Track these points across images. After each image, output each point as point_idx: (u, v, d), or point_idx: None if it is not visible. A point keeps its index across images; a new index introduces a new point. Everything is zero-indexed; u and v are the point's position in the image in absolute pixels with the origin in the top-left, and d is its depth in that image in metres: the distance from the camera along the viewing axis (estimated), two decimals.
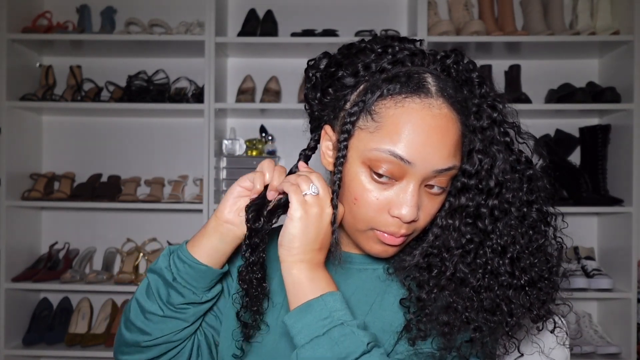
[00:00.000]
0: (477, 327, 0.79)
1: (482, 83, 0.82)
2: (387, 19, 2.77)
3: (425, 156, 0.76)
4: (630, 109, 2.44)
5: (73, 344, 2.54)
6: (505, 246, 0.80)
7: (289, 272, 0.78)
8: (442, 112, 0.77)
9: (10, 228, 2.55)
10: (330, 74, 0.84)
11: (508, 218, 0.80)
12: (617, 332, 2.51)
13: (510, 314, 0.80)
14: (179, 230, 2.75)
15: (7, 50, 2.52)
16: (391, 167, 0.77)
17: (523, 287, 0.80)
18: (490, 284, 0.80)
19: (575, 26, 2.62)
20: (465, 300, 0.79)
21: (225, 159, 2.65)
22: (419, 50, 0.82)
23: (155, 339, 0.88)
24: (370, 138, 0.78)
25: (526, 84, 2.67)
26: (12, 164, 2.57)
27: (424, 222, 0.81)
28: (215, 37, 2.52)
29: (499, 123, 0.82)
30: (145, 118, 2.79)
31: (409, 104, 0.77)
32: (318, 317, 0.74)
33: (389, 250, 0.82)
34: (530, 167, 0.84)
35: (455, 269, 0.80)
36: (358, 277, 0.89)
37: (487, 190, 0.80)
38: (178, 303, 0.86)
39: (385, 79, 0.79)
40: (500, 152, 0.81)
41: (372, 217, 0.79)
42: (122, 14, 2.79)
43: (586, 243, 2.70)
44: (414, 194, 0.77)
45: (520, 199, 0.81)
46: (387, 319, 0.85)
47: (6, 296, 2.51)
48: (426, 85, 0.78)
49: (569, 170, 2.59)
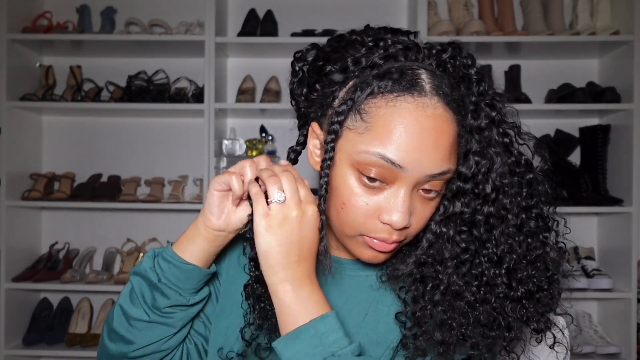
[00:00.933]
0: (474, 344, 0.75)
1: (481, 80, 0.76)
2: (387, 19, 2.74)
3: (417, 160, 0.70)
4: (630, 109, 2.44)
5: (73, 344, 2.54)
6: (502, 256, 0.75)
7: (275, 294, 0.73)
8: (437, 112, 0.71)
9: (10, 228, 2.55)
10: (317, 68, 0.78)
11: (505, 226, 0.75)
12: (617, 332, 2.51)
13: (508, 327, 0.76)
14: (179, 230, 2.70)
15: (7, 50, 2.52)
16: (381, 171, 0.71)
17: (520, 299, 0.76)
18: (486, 296, 0.75)
19: (575, 26, 2.62)
20: (460, 316, 0.74)
21: (225, 159, 2.65)
22: (413, 44, 0.75)
23: (142, 348, 0.82)
24: (359, 139, 0.72)
25: (526, 84, 2.67)
26: (12, 164, 2.57)
27: (417, 227, 0.76)
28: (215, 37, 2.52)
29: (498, 123, 0.76)
30: (145, 118, 2.79)
31: (401, 103, 0.71)
32: (308, 345, 0.70)
33: (380, 256, 0.77)
34: (531, 170, 0.78)
35: (449, 282, 0.75)
36: (349, 285, 0.84)
37: (484, 195, 0.74)
38: (164, 306, 0.81)
39: (376, 75, 0.72)
40: (498, 154, 0.75)
41: (362, 222, 0.74)
42: (122, 14, 2.79)
43: (586, 243, 2.70)
44: (406, 199, 0.72)
45: (519, 204, 0.76)
46: (381, 331, 0.80)
47: (6, 296, 2.51)
48: (420, 83, 0.71)
49: (569, 170, 2.60)
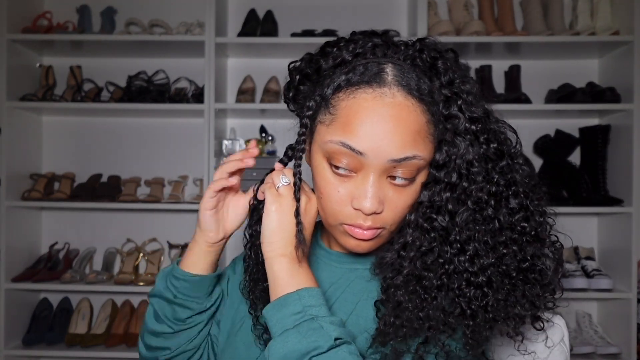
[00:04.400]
0: (431, 326, 0.76)
1: (447, 69, 0.78)
2: (387, 19, 2.78)
3: (378, 146, 0.74)
4: (630, 109, 2.44)
5: (73, 344, 2.54)
6: (465, 242, 0.76)
7: (271, 267, 0.79)
8: (396, 100, 0.74)
9: (10, 228, 2.55)
10: (302, 72, 0.85)
11: (468, 213, 0.76)
12: (617, 332, 2.51)
13: (472, 315, 0.76)
14: (179, 231, 2.75)
15: (7, 50, 2.52)
16: (346, 159, 0.76)
17: (481, 285, 0.76)
18: (447, 282, 0.77)
19: (575, 26, 2.62)
20: (418, 300, 0.77)
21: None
22: (383, 42, 0.80)
23: (172, 351, 0.94)
24: (326, 131, 0.77)
25: (526, 84, 2.67)
26: (12, 164, 2.57)
27: (393, 215, 0.78)
28: (215, 38, 2.52)
29: (464, 111, 0.77)
30: (146, 118, 2.79)
31: (361, 94, 0.75)
32: (292, 311, 0.75)
33: (362, 244, 0.80)
34: (503, 157, 0.79)
35: (410, 267, 0.77)
36: (347, 278, 0.88)
37: (451, 183, 0.77)
38: (185, 317, 0.91)
39: (344, 71, 0.78)
40: (465, 141, 0.76)
41: (338, 210, 0.79)
42: (122, 14, 2.79)
43: (586, 243, 2.70)
44: (373, 185, 0.76)
45: (488, 191, 0.77)
46: (368, 318, 0.83)
47: (6, 296, 2.52)
48: (382, 75, 0.76)
49: (569, 170, 2.59)
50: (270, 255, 0.79)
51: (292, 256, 0.79)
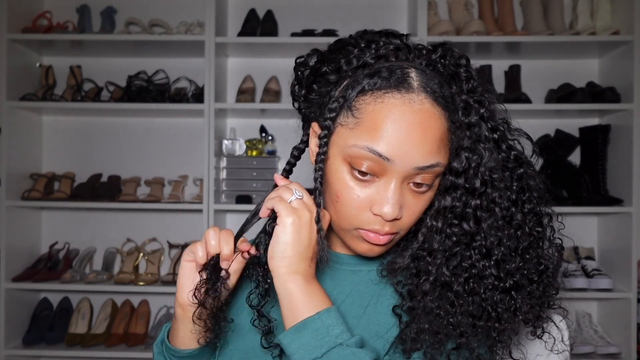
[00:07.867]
0: (462, 332, 0.76)
1: (470, 78, 0.79)
2: (387, 19, 2.77)
3: (405, 153, 0.73)
4: (630, 109, 2.44)
5: (73, 344, 2.54)
6: (491, 248, 0.77)
7: (284, 285, 0.75)
8: (424, 107, 0.74)
9: (10, 228, 2.55)
10: (315, 70, 0.83)
11: (494, 219, 0.77)
12: (617, 332, 2.51)
13: (498, 318, 0.77)
14: (179, 230, 2.75)
15: (7, 50, 2.52)
16: (371, 164, 0.75)
17: (509, 290, 0.77)
18: (475, 287, 0.77)
19: (575, 26, 2.62)
20: (448, 305, 0.76)
21: (225, 159, 2.65)
22: (404, 45, 0.79)
23: None
24: (350, 134, 0.76)
25: (526, 84, 2.67)
26: (12, 164, 2.57)
27: (409, 221, 0.79)
28: (215, 37, 2.52)
29: (487, 119, 0.79)
30: (145, 118, 2.79)
31: (389, 99, 0.74)
32: (315, 336, 0.72)
33: (375, 249, 0.80)
34: (521, 165, 0.80)
35: (438, 273, 0.77)
36: (352, 280, 0.87)
37: (473, 189, 0.77)
38: None
39: (367, 74, 0.77)
40: (488, 149, 0.77)
41: (355, 215, 0.77)
42: (122, 14, 2.79)
43: (586, 243, 2.70)
44: (395, 191, 0.75)
45: (509, 198, 0.78)
46: (382, 323, 0.82)
47: (6, 296, 2.51)
48: (408, 80, 0.75)
49: (569, 170, 2.59)
50: (282, 272, 0.75)
51: (305, 273, 0.76)
